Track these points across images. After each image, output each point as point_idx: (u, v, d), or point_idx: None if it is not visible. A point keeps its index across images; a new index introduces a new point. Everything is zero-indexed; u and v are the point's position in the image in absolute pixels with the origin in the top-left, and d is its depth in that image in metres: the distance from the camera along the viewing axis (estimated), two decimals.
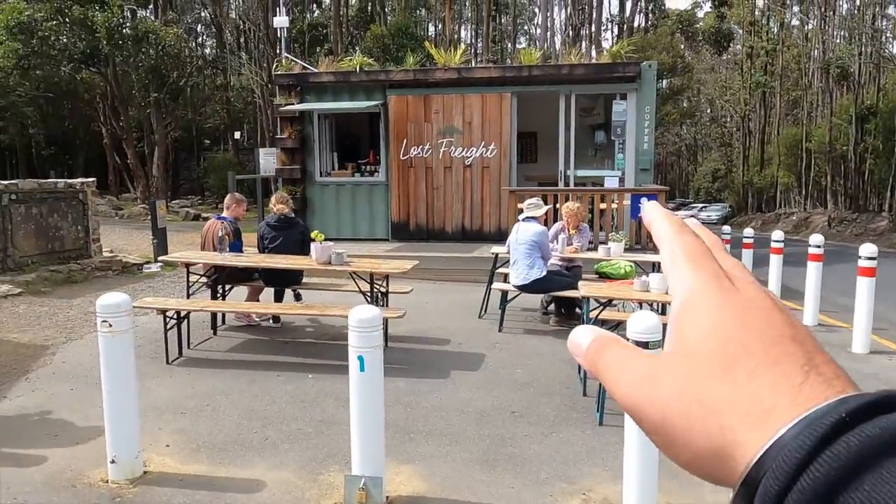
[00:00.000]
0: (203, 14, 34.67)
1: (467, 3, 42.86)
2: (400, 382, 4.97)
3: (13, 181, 8.81)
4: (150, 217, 19.84)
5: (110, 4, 18.41)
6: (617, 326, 5.28)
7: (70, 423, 4.30)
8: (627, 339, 2.96)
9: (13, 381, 5.08)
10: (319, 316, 5.80)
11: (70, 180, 9.83)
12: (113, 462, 3.49)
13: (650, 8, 35.03)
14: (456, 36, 34.79)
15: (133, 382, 3.56)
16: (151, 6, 26.51)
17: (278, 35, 16.23)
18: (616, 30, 38.42)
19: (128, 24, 19.23)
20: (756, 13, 35.08)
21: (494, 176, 11.13)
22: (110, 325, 3.42)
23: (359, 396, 3.18)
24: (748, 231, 9.72)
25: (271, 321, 6.85)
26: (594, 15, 30.38)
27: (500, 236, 10.87)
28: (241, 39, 32.77)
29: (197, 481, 3.53)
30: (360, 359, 3.12)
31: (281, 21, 13.29)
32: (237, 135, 30.45)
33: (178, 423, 4.31)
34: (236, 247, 6.33)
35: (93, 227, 9.80)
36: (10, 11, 17.37)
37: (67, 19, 18.85)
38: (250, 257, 6.12)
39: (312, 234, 5.89)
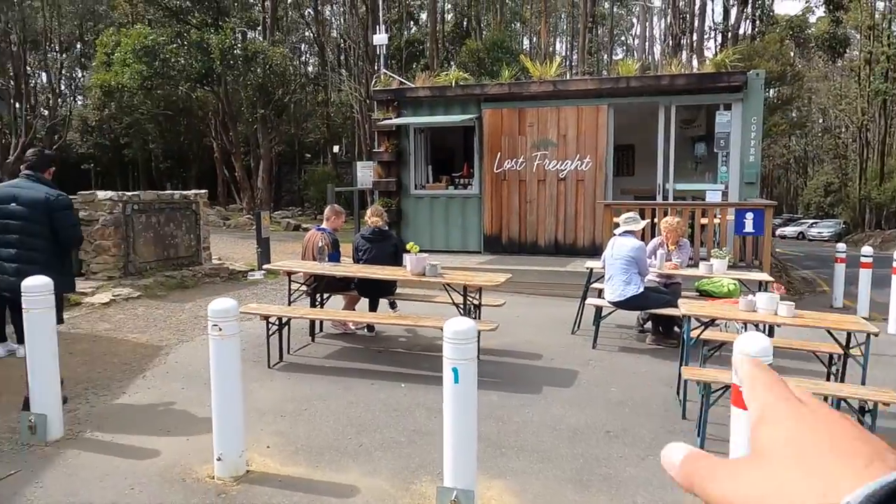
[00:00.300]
0: (306, 34, 36.29)
1: (563, 16, 42.58)
2: (492, 396, 4.96)
3: (136, 192, 9.52)
4: (254, 227, 20.94)
5: (224, 28, 19.65)
6: (720, 347, 5.05)
7: (181, 419, 4.57)
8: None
9: (132, 378, 5.46)
10: (413, 326, 5.89)
11: (185, 192, 10.52)
12: (219, 460, 3.67)
13: (758, 15, 33.47)
14: (550, 48, 34.61)
15: (239, 384, 3.74)
16: (260, 28, 28.03)
17: (377, 52, 16.75)
18: (720, 38, 36.95)
19: (238, 45, 20.43)
20: (876, 16, 32.73)
21: (589, 189, 10.94)
22: (220, 329, 3.62)
23: (452, 408, 3.19)
24: (866, 249, 9.01)
25: (366, 330, 7.02)
26: (696, 24, 29.37)
27: (594, 251, 10.65)
28: (342, 57, 34.03)
29: (295, 483, 3.65)
30: (455, 370, 3.13)
31: (380, 38, 13.70)
32: (336, 149, 31.57)
33: (278, 425, 4.49)
34: (335, 257, 6.54)
35: (204, 235, 10.43)
36: (137, 36, 18.91)
37: (186, 42, 20.28)
38: (348, 267, 6.30)
39: (408, 246, 6.00)
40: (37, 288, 4.18)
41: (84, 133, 30.79)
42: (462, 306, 5.64)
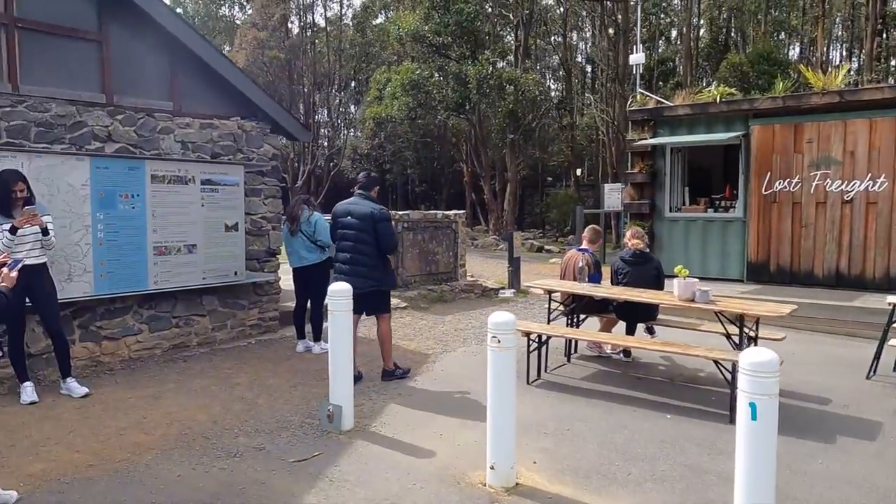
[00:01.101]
0: (552, 60, 36.97)
1: (836, 21, 37.78)
2: None
3: (405, 212, 10.44)
4: (499, 247, 21.70)
5: (480, 59, 20.85)
6: None
7: (450, 424, 4.83)
8: None
9: (405, 382, 5.93)
10: (680, 354, 5.55)
11: (446, 212, 11.27)
12: (492, 468, 3.78)
13: None
14: (823, 57, 30.88)
15: (513, 396, 3.83)
16: (509, 57, 29.26)
17: (631, 72, 16.44)
18: None
19: (492, 75, 21.49)
20: None
21: (884, 213, 9.44)
22: (499, 342, 3.75)
23: (747, 447, 2.91)
24: None
25: (622, 355, 6.82)
26: None
27: (888, 284, 9.18)
28: (587, 80, 34.02)
29: (564, 503, 3.62)
30: (752, 406, 2.85)
31: (637, 58, 13.39)
32: (578, 171, 31.47)
33: (541, 442, 4.51)
34: (595, 278, 6.47)
35: (460, 253, 11.06)
36: (405, 72, 20.96)
37: (446, 75, 21.94)
38: (610, 289, 6.18)
39: (675, 270, 5.70)
40: (339, 293, 4.74)
41: (354, 161, 34.80)
42: (737, 338, 5.19)
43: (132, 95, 6.61)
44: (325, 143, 35.41)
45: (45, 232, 5.12)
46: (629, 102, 12.75)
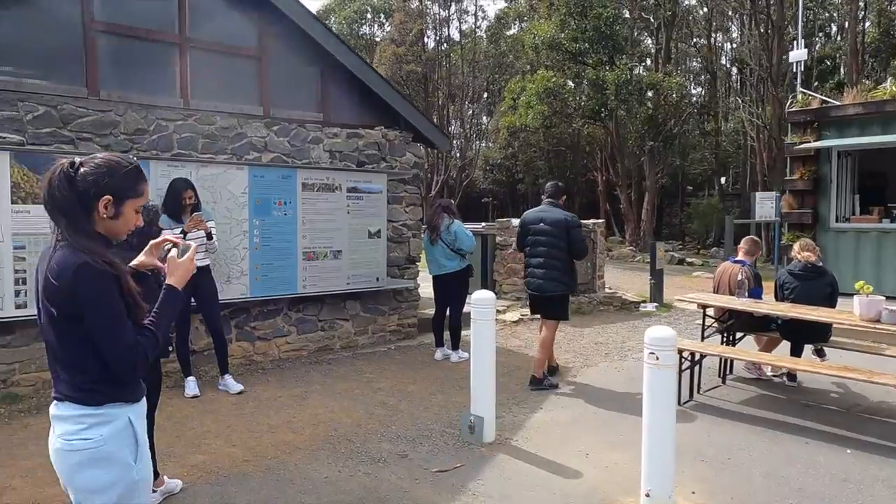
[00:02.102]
0: (693, 63, 35.14)
1: None
2: None
3: None
4: (636, 258, 20.82)
5: (619, 65, 20.18)
6: None
7: (597, 444, 4.56)
8: None
9: (546, 395, 5.72)
10: (863, 381, 4.90)
11: (583, 220, 10.89)
12: (647, 496, 3.49)
13: None
14: None
15: (672, 419, 3.52)
16: (648, 61, 28.12)
17: (786, 71, 15.18)
18: None
19: (632, 80, 20.71)
20: None
21: None
22: (657, 358, 3.46)
23: None
24: None
25: (785, 378, 6.18)
26: None
27: None
28: (734, 83, 31.95)
29: None
30: None
31: (798, 55, 12.29)
32: (723, 180, 29.54)
33: (699, 469, 4.14)
34: (757, 293, 5.92)
35: (599, 264, 10.65)
36: (540, 80, 20.70)
37: (581, 82, 21.46)
38: (774, 305, 5.62)
39: (856, 286, 5.07)
40: (482, 302, 4.63)
41: (486, 171, 34.99)
42: None
43: (286, 108, 6.96)
44: (458, 154, 35.91)
45: (209, 236, 5.46)
46: (788, 103, 11.71)
